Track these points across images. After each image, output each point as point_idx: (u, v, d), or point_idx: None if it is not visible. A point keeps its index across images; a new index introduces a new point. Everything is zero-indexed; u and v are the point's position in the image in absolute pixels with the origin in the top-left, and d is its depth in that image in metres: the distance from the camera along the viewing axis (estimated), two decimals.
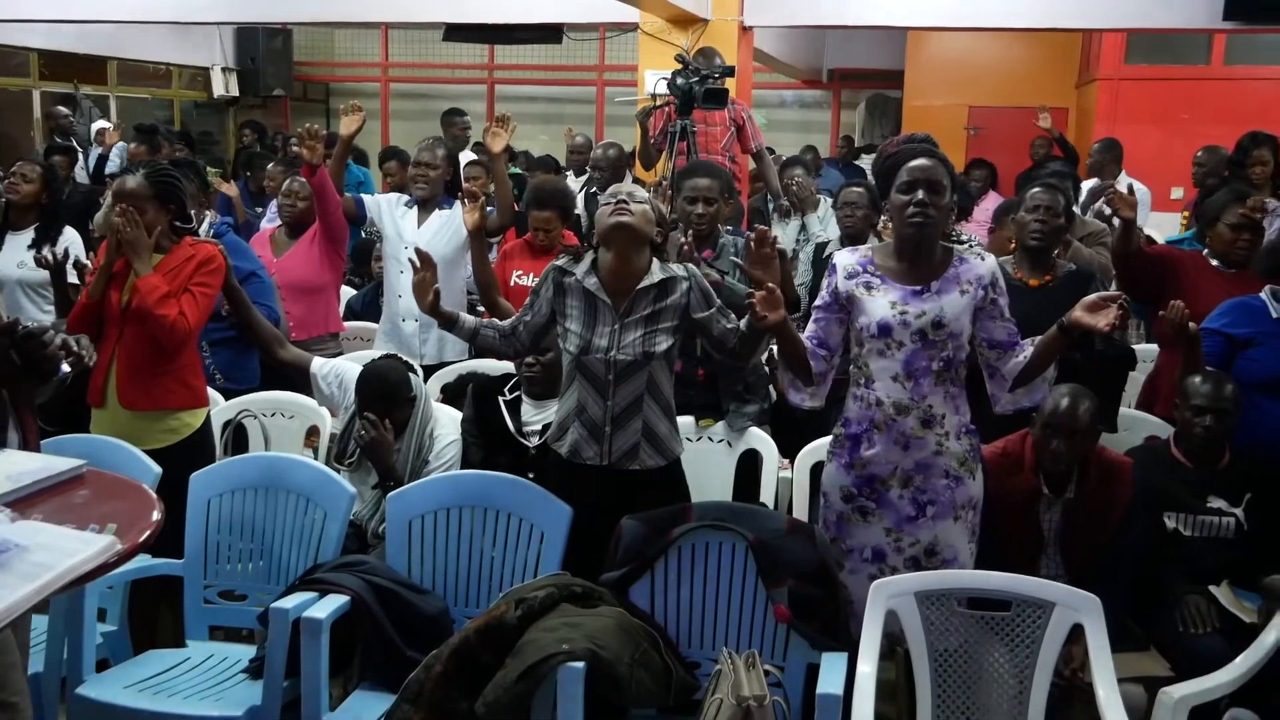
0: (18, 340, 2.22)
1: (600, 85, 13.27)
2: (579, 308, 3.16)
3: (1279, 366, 3.56)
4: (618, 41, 11.37)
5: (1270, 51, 10.09)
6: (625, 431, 3.12)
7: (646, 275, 3.11)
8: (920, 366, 2.98)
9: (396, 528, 3.30)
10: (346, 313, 5.60)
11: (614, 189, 3.20)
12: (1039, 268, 3.81)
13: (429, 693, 2.75)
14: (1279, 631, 2.94)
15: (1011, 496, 3.24)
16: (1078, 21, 7.91)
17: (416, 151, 4.95)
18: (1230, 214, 4.09)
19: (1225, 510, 3.41)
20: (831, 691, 2.66)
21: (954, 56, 11.66)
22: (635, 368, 3.09)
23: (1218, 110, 9.59)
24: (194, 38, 12.04)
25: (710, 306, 3.11)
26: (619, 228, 3.06)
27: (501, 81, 13.91)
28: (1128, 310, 2.87)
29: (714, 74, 5.90)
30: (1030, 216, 3.81)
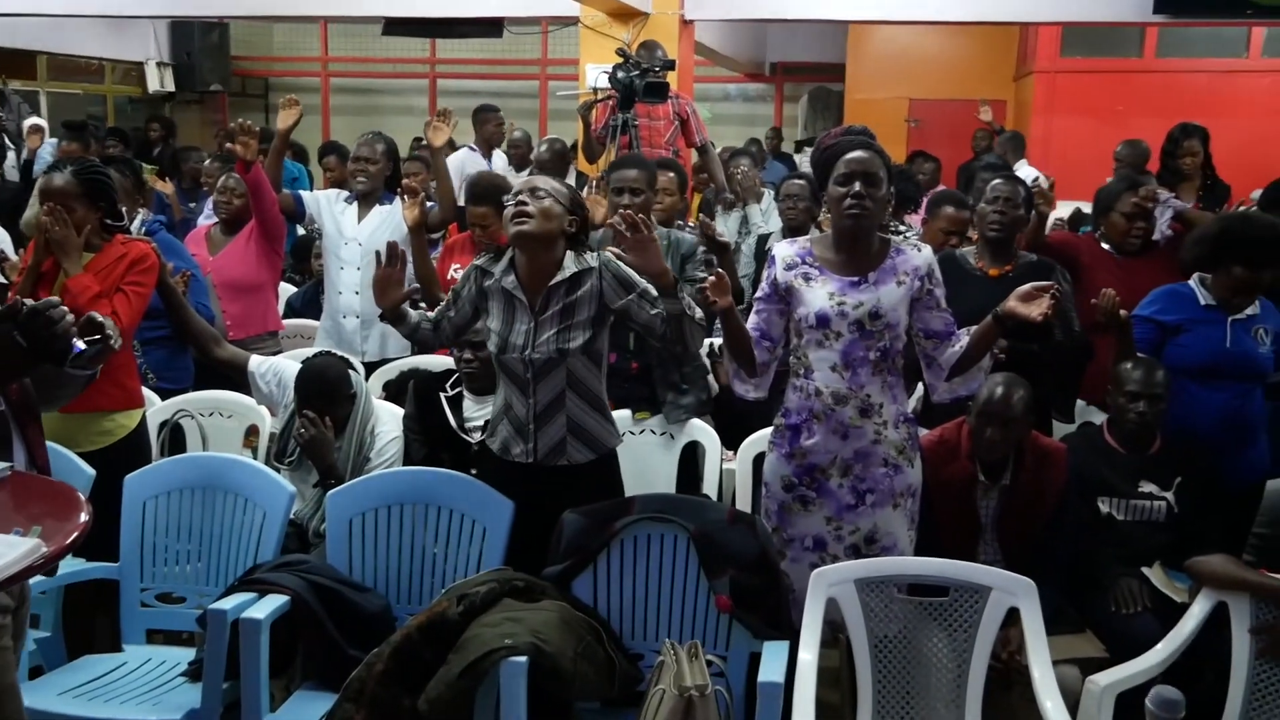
0: (21, 320, 2.09)
1: (543, 79, 13.23)
2: (499, 307, 3.15)
3: (1207, 352, 3.63)
4: (560, 35, 11.36)
5: (1201, 45, 10.29)
6: (550, 428, 3.10)
7: (559, 271, 3.06)
8: (858, 356, 3.01)
9: (337, 526, 3.27)
10: (286, 310, 5.55)
11: (517, 185, 3.13)
12: (1000, 258, 3.85)
13: (371, 691, 2.73)
14: (1200, 614, 3.00)
15: (949, 484, 3.29)
16: (1014, 15, 8.03)
17: (356, 146, 4.91)
18: (1124, 203, 4.17)
19: (1157, 494, 3.47)
20: (773, 680, 2.68)
21: (895, 50, 11.76)
22: (552, 365, 3.06)
23: (1150, 102, 9.76)
24: (127, 32, 11.84)
25: (629, 293, 3.02)
26: (516, 239, 3.02)
27: (443, 76, 13.82)
28: (1060, 301, 2.91)
29: (655, 68, 5.91)
30: (990, 208, 3.84)
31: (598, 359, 3.15)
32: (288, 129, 4.91)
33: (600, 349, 3.14)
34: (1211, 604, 2.99)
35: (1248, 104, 9.99)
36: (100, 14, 9.57)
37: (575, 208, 3.10)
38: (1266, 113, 9.93)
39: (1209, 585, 3.02)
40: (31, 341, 2.09)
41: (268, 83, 14.38)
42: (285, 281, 5.85)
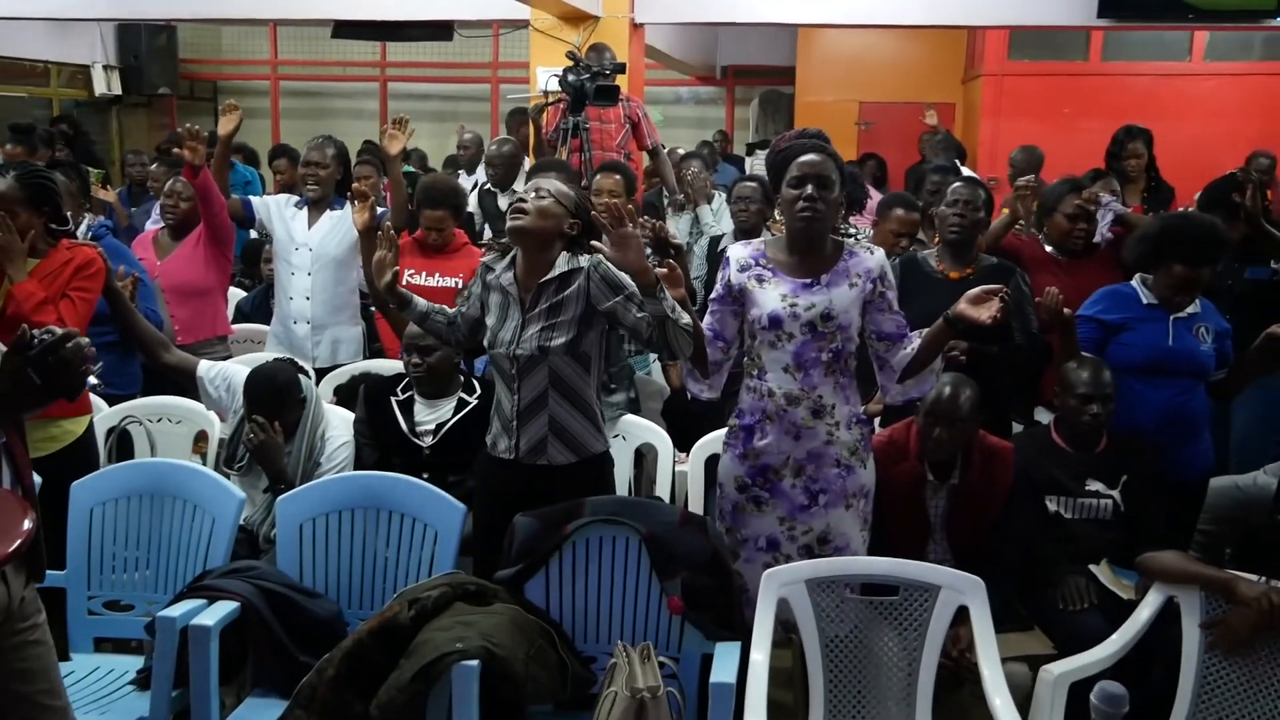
0: (35, 357, 1.99)
1: (494, 82, 13.18)
2: (498, 303, 3.17)
3: (1150, 351, 3.69)
4: (511, 38, 11.32)
5: (1144, 49, 10.43)
6: (531, 426, 3.10)
7: (551, 270, 3.09)
8: (810, 358, 3.03)
9: (287, 531, 3.25)
10: (236, 315, 5.51)
11: (530, 184, 3.19)
12: (960, 261, 3.89)
13: (322, 697, 2.72)
14: (1152, 608, 3.05)
15: (898, 483, 3.32)
16: (962, 19, 8.11)
17: (306, 150, 4.88)
18: (1067, 204, 4.25)
19: (1103, 492, 3.52)
20: (724, 680, 2.70)
21: (844, 53, 11.83)
22: (534, 362, 3.07)
23: (1096, 104, 9.88)
24: (73, 34, 11.66)
25: (616, 295, 3.01)
26: (510, 233, 3.07)
27: (394, 79, 13.73)
28: (1008, 304, 2.95)
29: (605, 71, 5.91)
30: (950, 210, 3.89)
31: (585, 361, 3.11)
32: (229, 134, 4.87)
33: (587, 351, 3.11)
34: (1163, 598, 3.05)
35: (1191, 106, 10.14)
36: (45, 16, 9.41)
37: (579, 212, 3.10)
38: (1209, 115, 10.09)
39: (1161, 580, 3.07)
40: (46, 378, 2.02)
41: (216, 86, 14.21)
42: (235, 286, 5.80)
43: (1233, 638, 2.90)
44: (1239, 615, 2.89)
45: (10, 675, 2.24)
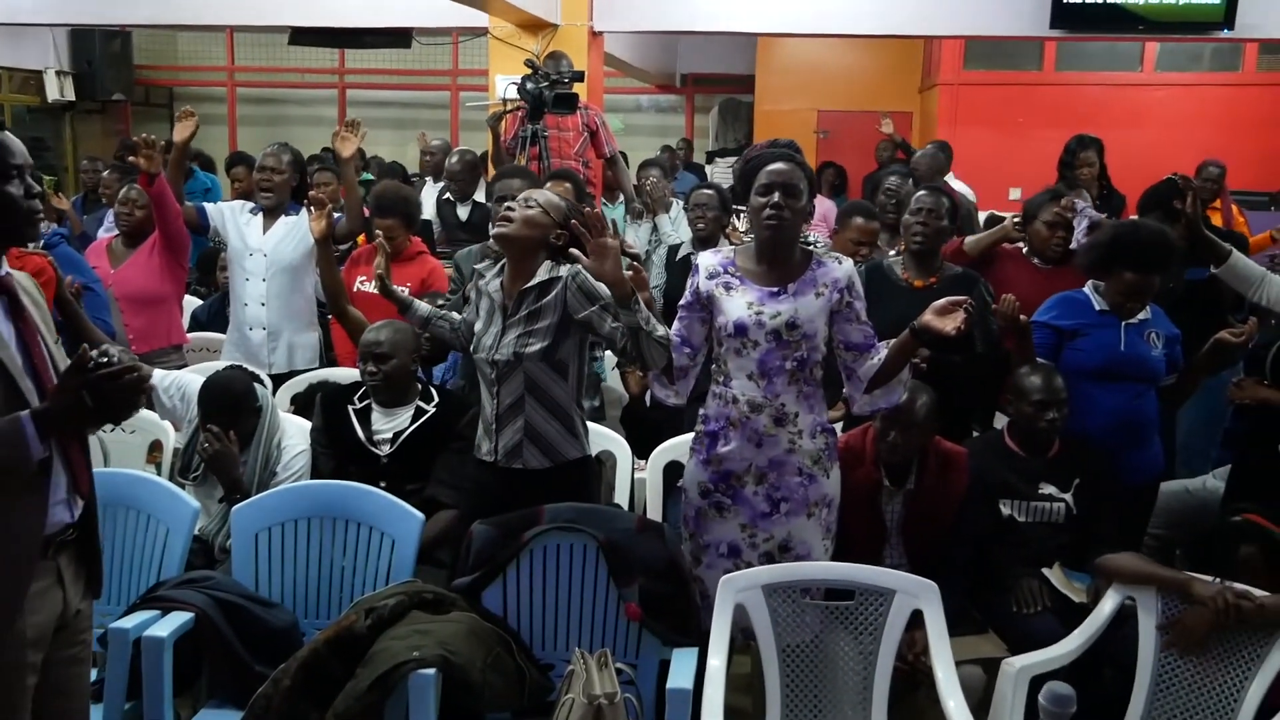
0: (92, 380, 2.01)
1: (454, 90, 13.17)
2: (485, 308, 3.23)
3: (1102, 356, 3.73)
4: (471, 46, 11.32)
5: (1097, 59, 10.59)
6: (509, 430, 3.14)
7: (532, 278, 3.12)
8: (774, 366, 3.05)
9: (242, 541, 3.23)
10: (192, 324, 5.46)
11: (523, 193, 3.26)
12: (924, 269, 3.91)
13: (278, 707, 2.70)
14: (1111, 606, 3.09)
15: (854, 489, 3.34)
16: (917, 28, 8.18)
17: (261, 157, 4.86)
18: (1046, 212, 4.30)
19: (1056, 496, 3.55)
20: (681, 686, 2.71)
21: (803, 62, 11.92)
22: (511, 368, 3.11)
23: (1050, 114, 10.02)
24: (25, 39, 11.52)
25: (592, 304, 3.04)
26: (495, 239, 3.16)
27: (353, 86, 13.68)
28: (972, 315, 2.98)
29: (563, 79, 5.92)
30: (913, 219, 3.91)
31: (562, 369, 3.14)
32: (185, 140, 4.84)
33: (565, 360, 3.13)
34: (1121, 598, 3.10)
35: (1142, 116, 10.30)
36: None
37: (567, 225, 3.13)
38: (1160, 124, 10.25)
39: (1118, 581, 3.11)
40: (100, 403, 2.04)
41: (172, 92, 14.10)
42: (190, 294, 5.76)
43: (1189, 637, 2.95)
44: (1195, 615, 2.94)
45: (55, 691, 2.26)
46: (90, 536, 2.31)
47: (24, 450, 2.02)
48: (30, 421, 2.03)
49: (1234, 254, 3.77)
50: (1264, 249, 6.31)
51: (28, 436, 2.02)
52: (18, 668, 2.14)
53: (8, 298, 2.16)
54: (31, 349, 2.16)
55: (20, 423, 2.03)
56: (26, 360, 2.14)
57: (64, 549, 2.23)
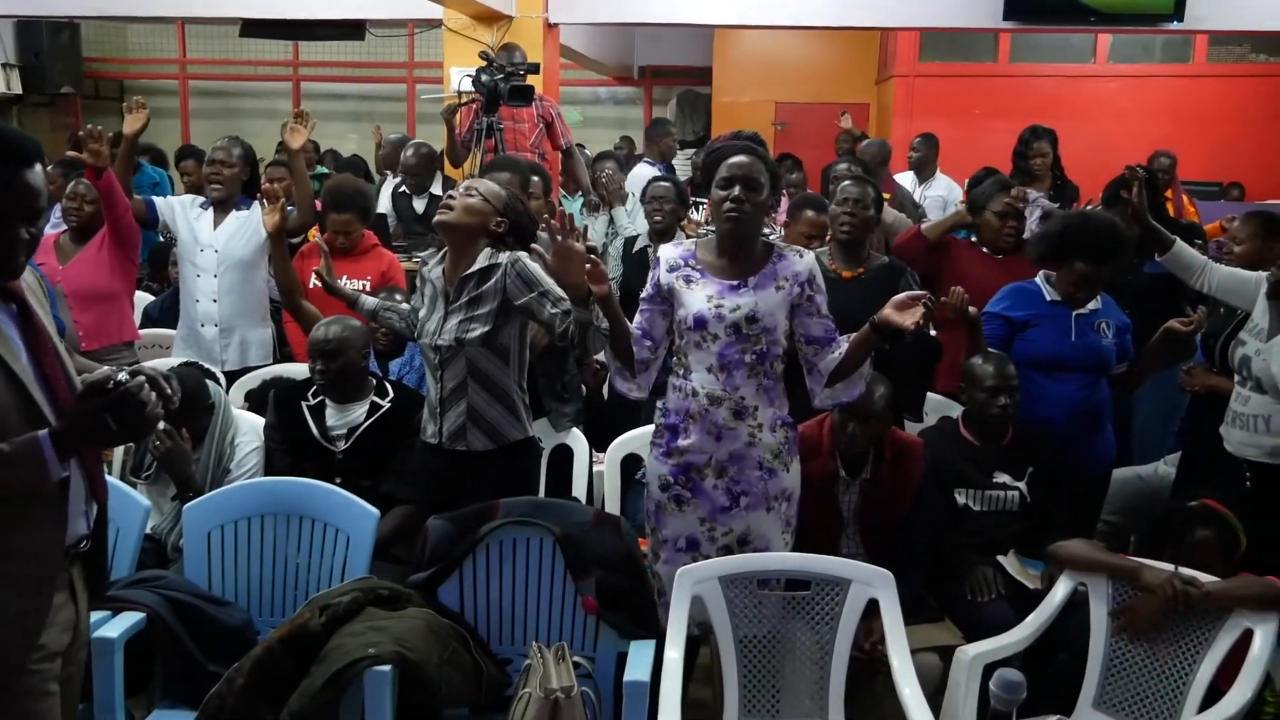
0: (112, 401, 1.97)
1: (410, 82, 13.07)
2: (429, 295, 3.34)
3: (1054, 346, 3.77)
4: (427, 38, 11.25)
5: (1050, 51, 10.68)
6: (453, 413, 3.25)
7: (474, 264, 3.21)
8: (733, 359, 3.04)
9: (195, 539, 3.20)
10: (144, 320, 5.39)
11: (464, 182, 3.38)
12: (851, 260, 3.92)
13: (232, 707, 2.68)
14: (1063, 594, 3.13)
15: (811, 480, 3.34)
16: (872, 20, 8.22)
17: (211, 150, 4.79)
18: (996, 203, 4.34)
19: (1010, 484, 3.59)
20: (638, 679, 2.71)
21: (760, 54, 11.93)
22: (453, 353, 3.22)
23: (1004, 105, 10.09)
24: None
25: (531, 291, 3.16)
26: (436, 226, 3.26)
27: (307, 79, 13.55)
28: (931, 310, 2.99)
29: (519, 71, 5.89)
30: (840, 209, 3.92)
31: (503, 354, 3.26)
32: (135, 133, 4.76)
33: (506, 344, 3.25)
34: (1073, 585, 3.13)
35: (1095, 107, 10.40)
36: None
37: (509, 212, 3.27)
38: (1112, 115, 10.36)
39: (1070, 568, 3.15)
40: (122, 425, 2.00)
41: (123, 85, 13.89)
42: (142, 290, 5.68)
43: (1139, 623, 2.99)
44: (1145, 601, 2.98)
45: None
46: (100, 544, 2.26)
47: (43, 472, 1.97)
48: (49, 442, 1.98)
49: (1177, 243, 3.83)
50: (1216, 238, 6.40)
51: (47, 458, 1.97)
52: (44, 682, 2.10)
53: (17, 304, 2.10)
54: (43, 359, 2.10)
55: (39, 443, 1.97)
56: (38, 371, 2.08)
57: (77, 560, 2.19)
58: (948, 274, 4.22)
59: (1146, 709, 2.96)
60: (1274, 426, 3.28)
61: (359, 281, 4.56)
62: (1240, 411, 3.38)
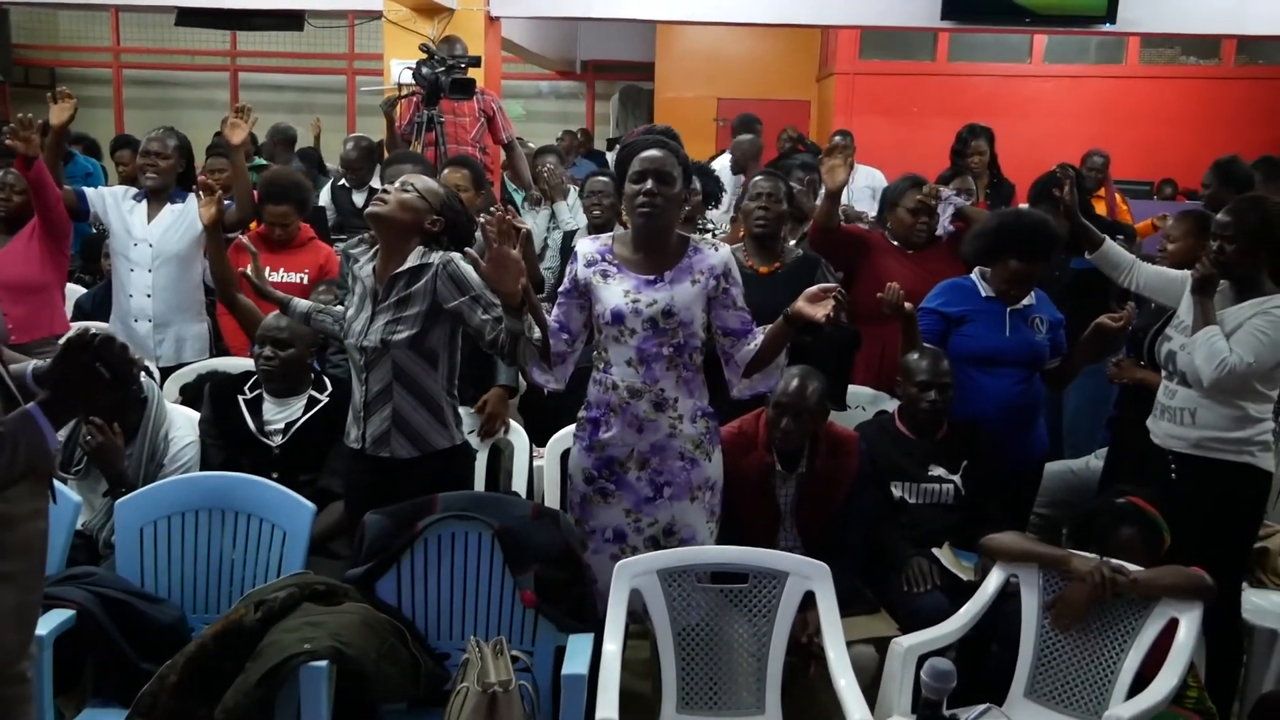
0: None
1: (350, 74, 12.97)
2: (358, 293, 3.18)
3: (988, 342, 3.83)
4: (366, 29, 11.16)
5: (988, 51, 10.84)
6: (376, 418, 3.11)
7: (404, 263, 3.08)
8: (652, 352, 3.06)
9: (126, 535, 3.15)
10: (75, 312, 5.28)
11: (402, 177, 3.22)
12: (767, 255, 3.95)
13: (164, 705, 2.64)
14: (995, 585, 3.18)
15: (748, 474, 3.38)
16: (812, 18, 8.28)
17: (145, 141, 4.71)
18: (908, 199, 4.40)
19: (945, 478, 3.64)
20: (576, 672, 2.72)
21: (702, 50, 11.99)
22: (379, 355, 3.08)
23: (943, 103, 10.22)
24: None
25: (463, 294, 3.03)
26: (369, 218, 3.13)
27: (245, 69, 13.39)
28: (842, 302, 3.03)
29: (460, 64, 5.86)
30: (754, 205, 3.95)
31: (431, 357, 3.11)
32: (62, 124, 4.66)
33: (434, 348, 3.10)
34: (1005, 576, 3.18)
35: (1031, 106, 10.57)
36: None
37: (445, 210, 3.13)
38: (1048, 114, 10.53)
39: (1002, 559, 3.20)
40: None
41: (54, 73, 13.62)
42: (74, 283, 5.58)
43: (1070, 611, 3.04)
44: (1074, 590, 3.04)
45: None
46: None
47: (42, 443, 1.94)
48: (40, 412, 1.94)
49: (1106, 241, 3.90)
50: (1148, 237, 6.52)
51: (42, 426, 1.94)
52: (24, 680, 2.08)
53: None
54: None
55: (30, 415, 1.93)
56: None
57: None
58: (864, 269, 4.27)
59: (1076, 697, 3.02)
60: (1199, 419, 3.35)
61: (297, 274, 4.52)
62: (1167, 405, 3.46)
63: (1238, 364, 3.22)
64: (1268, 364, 3.26)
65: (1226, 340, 3.26)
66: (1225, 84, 10.75)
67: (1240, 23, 7.70)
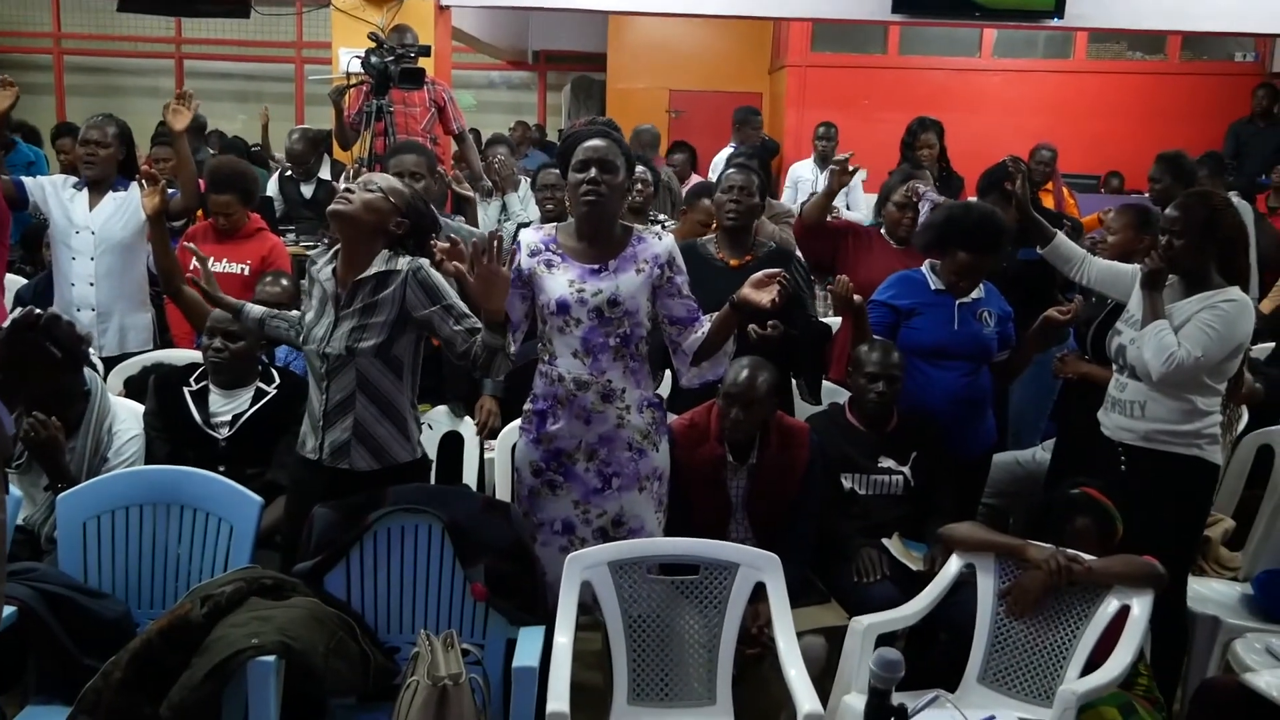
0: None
1: (299, 62, 12.82)
2: (317, 297, 3.07)
3: (938, 334, 3.85)
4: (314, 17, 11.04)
5: (938, 44, 10.90)
6: (337, 428, 3.01)
7: (368, 267, 2.98)
8: (598, 343, 3.06)
9: (69, 530, 3.10)
10: (15, 303, 5.17)
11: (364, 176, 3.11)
12: (738, 247, 3.95)
13: (108, 701, 2.61)
14: (954, 571, 3.21)
15: (699, 465, 3.38)
16: (765, 10, 8.31)
17: (84, 129, 4.61)
18: (897, 193, 4.45)
19: (895, 469, 3.67)
20: (527, 664, 2.72)
21: (654, 41, 11.96)
22: (343, 363, 2.97)
23: (894, 96, 10.27)
24: None
25: (434, 304, 2.93)
26: (330, 216, 2.98)
27: (190, 56, 13.19)
28: (786, 287, 3.04)
29: (409, 53, 5.81)
30: (725, 197, 3.95)
31: (397, 366, 3.00)
32: (2, 112, 4.57)
33: (400, 357, 3.00)
34: (962, 565, 3.22)
35: (980, 100, 10.64)
36: None
37: (410, 212, 3.01)
38: (997, 108, 10.61)
39: (959, 549, 3.23)
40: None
41: None
42: (14, 273, 5.48)
43: (1025, 598, 3.09)
44: (1030, 577, 3.09)
45: None
46: None
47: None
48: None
49: (1058, 235, 3.94)
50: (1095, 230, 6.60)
51: None
52: None
53: None
54: None
55: None
56: None
57: None
58: (854, 262, 4.31)
59: (1028, 682, 3.06)
60: (1149, 413, 3.40)
61: (239, 265, 4.46)
62: (1118, 398, 3.50)
63: (1186, 358, 3.26)
64: (1215, 358, 3.31)
65: (1175, 334, 3.30)
66: (1170, 79, 10.89)
67: (1185, 19, 7.82)
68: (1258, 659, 3.30)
